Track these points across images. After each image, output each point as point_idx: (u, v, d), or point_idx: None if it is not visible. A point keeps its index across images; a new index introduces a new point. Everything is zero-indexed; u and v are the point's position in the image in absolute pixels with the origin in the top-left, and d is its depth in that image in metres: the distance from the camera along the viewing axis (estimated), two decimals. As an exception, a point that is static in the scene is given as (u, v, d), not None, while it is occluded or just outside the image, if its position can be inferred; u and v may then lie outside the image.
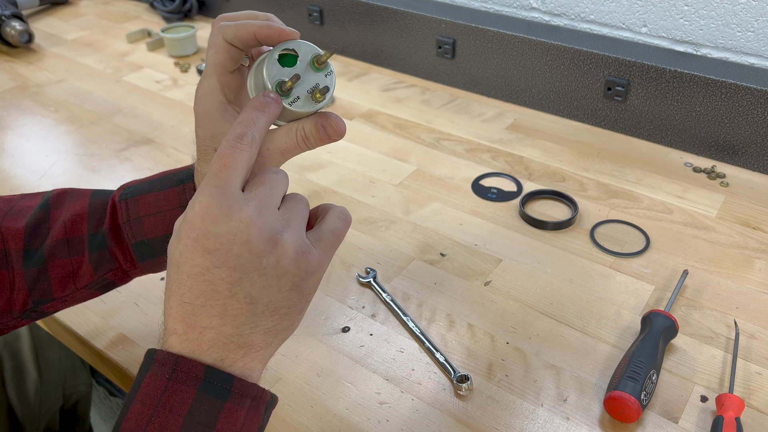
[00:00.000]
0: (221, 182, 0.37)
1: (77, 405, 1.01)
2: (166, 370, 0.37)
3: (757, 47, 0.91)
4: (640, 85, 0.93)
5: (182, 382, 0.37)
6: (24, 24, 1.30)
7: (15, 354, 0.90)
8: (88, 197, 0.56)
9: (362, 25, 1.19)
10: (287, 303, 0.39)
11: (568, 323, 0.66)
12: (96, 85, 1.18)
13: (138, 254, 0.54)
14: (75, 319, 0.68)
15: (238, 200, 0.37)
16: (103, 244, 0.54)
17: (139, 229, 0.53)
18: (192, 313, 0.37)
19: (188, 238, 0.37)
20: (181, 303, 0.38)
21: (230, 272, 0.37)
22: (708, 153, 0.92)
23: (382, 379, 0.61)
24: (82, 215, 0.54)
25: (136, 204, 0.53)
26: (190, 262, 0.37)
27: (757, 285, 0.71)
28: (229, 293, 0.37)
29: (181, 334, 0.38)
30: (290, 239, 0.38)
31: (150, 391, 0.37)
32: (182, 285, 0.38)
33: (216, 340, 0.38)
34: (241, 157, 0.38)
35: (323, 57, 0.42)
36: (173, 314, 0.38)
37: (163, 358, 0.38)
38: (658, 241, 0.77)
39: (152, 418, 0.36)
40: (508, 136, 0.99)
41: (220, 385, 0.37)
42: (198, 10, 1.46)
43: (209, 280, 0.37)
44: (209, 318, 0.37)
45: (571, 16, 1.06)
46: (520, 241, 0.78)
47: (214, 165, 0.38)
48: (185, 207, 0.50)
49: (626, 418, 0.55)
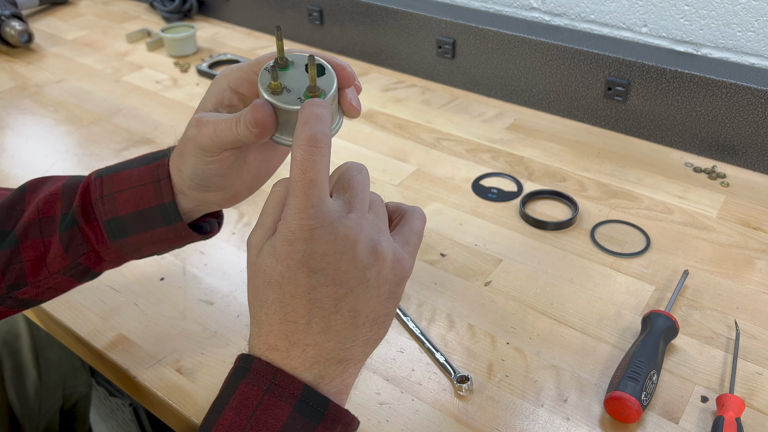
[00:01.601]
0: (314, 200, 0.37)
1: (77, 405, 1.01)
2: (264, 382, 0.37)
3: (758, 47, 0.91)
4: (641, 85, 0.93)
5: (279, 396, 0.37)
6: (24, 24, 1.30)
7: (15, 354, 0.90)
8: (64, 180, 0.54)
9: (362, 25, 1.19)
10: (384, 311, 0.40)
11: (568, 323, 0.66)
12: (96, 85, 1.18)
13: (110, 232, 0.51)
14: (75, 319, 0.68)
15: (338, 217, 0.37)
16: (74, 222, 0.52)
17: (111, 206, 0.51)
18: (296, 331, 0.38)
19: (291, 260, 0.37)
20: (285, 322, 0.38)
21: (337, 289, 0.37)
22: (708, 153, 0.92)
23: (382, 379, 0.61)
24: (56, 194, 0.53)
25: (110, 181, 0.52)
26: (294, 283, 0.37)
27: (757, 285, 0.71)
28: (334, 309, 0.38)
29: (282, 350, 0.38)
30: (388, 248, 0.39)
31: (245, 401, 0.37)
32: (286, 304, 0.38)
33: (318, 357, 0.38)
34: (323, 162, 0.37)
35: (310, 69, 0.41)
36: (274, 331, 0.38)
37: (262, 368, 0.38)
38: (659, 241, 0.77)
39: (246, 429, 0.36)
40: (509, 136, 0.99)
41: (315, 407, 0.37)
42: (198, 10, 1.46)
43: (315, 298, 0.37)
44: (313, 335, 0.38)
45: (572, 16, 1.06)
46: (521, 241, 0.78)
47: (298, 180, 0.37)
48: (157, 182, 0.50)
49: (626, 418, 0.55)
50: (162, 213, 0.50)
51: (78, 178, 0.54)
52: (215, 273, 0.73)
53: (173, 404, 0.59)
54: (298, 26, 1.29)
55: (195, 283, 0.72)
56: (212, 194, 0.49)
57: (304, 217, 0.37)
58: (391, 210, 0.44)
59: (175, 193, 0.50)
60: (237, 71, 0.46)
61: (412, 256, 0.41)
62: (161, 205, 0.50)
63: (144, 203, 0.50)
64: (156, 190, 0.50)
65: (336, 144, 0.98)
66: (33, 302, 0.55)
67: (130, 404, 1.06)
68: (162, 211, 0.50)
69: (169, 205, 0.50)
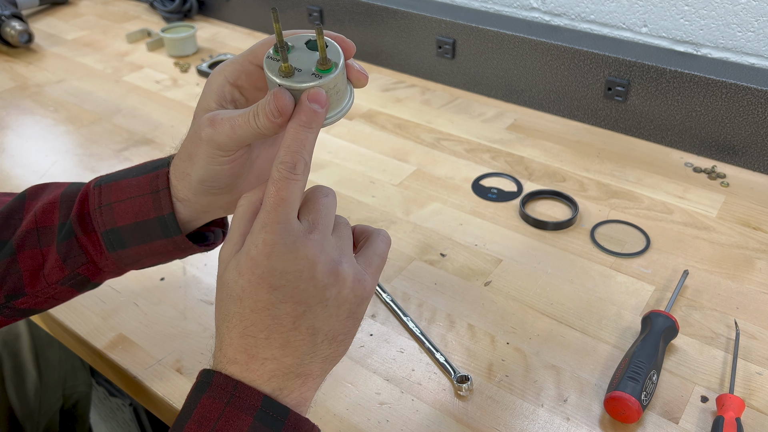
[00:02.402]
0: (281, 218, 0.38)
1: (77, 405, 1.01)
2: (224, 395, 0.38)
3: (758, 47, 0.91)
4: (641, 85, 0.93)
5: (240, 408, 0.38)
6: (24, 24, 1.30)
7: (15, 354, 0.90)
8: (63, 188, 0.53)
9: (362, 25, 1.19)
10: (344, 330, 0.40)
11: (568, 323, 0.66)
12: (96, 85, 1.18)
13: (108, 243, 0.51)
14: (75, 319, 0.68)
15: (300, 236, 0.38)
16: (71, 233, 0.50)
17: (110, 216, 0.50)
18: (254, 345, 0.38)
19: (252, 275, 0.38)
20: (244, 336, 0.38)
21: (295, 306, 0.38)
22: (708, 153, 0.92)
23: (382, 379, 0.61)
24: (54, 203, 0.52)
25: (109, 190, 0.50)
26: (254, 297, 0.38)
27: (757, 285, 0.71)
28: (292, 326, 0.38)
29: (242, 364, 0.39)
30: (349, 269, 0.39)
31: (207, 413, 0.38)
32: (245, 318, 0.38)
33: (277, 371, 0.39)
34: (296, 188, 0.38)
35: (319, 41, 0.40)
36: (234, 345, 0.39)
37: (223, 382, 0.38)
38: (659, 241, 0.77)
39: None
40: (508, 136, 0.99)
41: (275, 417, 0.38)
42: (198, 10, 1.46)
43: (274, 314, 0.38)
44: (272, 350, 0.38)
45: (572, 16, 1.06)
46: (521, 241, 0.78)
47: (271, 197, 0.38)
48: (156, 192, 0.49)
49: (626, 418, 0.55)
50: (161, 225, 0.50)
51: (77, 185, 0.53)
52: (215, 273, 0.73)
53: (173, 404, 0.59)
54: (298, 26, 1.29)
55: (195, 283, 0.72)
56: (220, 197, 0.49)
57: (269, 232, 0.37)
58: (358, 233, 0.45)
59: (175, 202, 0.49)
60: (232, 64, 0.45)
61: (373, 278, 0.41)
62: (160, 217, 0.49)
63: (142, 215, 0.50)
64: (155, 201, 0.49)
65: (336, 144, 0.98)
66: (32, 311, 0.55)
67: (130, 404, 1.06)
68: (161, 223, 0.50)
69: (167, 217, 0.49)
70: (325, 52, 0.40)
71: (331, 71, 0.40)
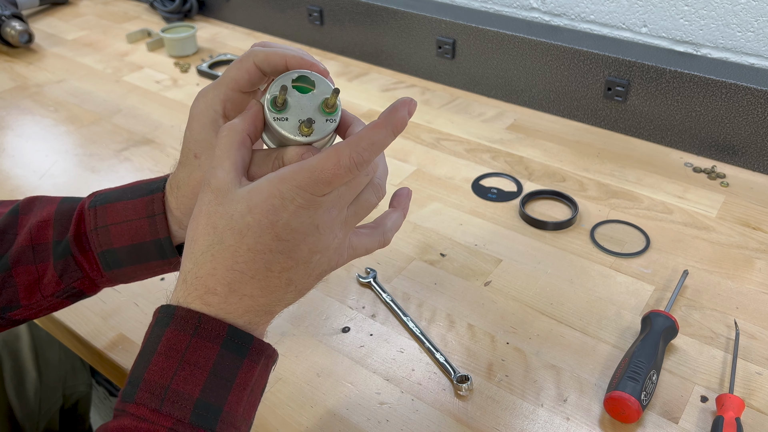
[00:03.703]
0: (317, 191, 0.39)
1: (77, 405, 1.01)
2: (189, 327, 0.39)
3: (757, 47, 0.91)
4: (640, 85, 0.93)
5: (206, 338, 0.39)
6: (24, 24, 1.30)
7: (15, 354, 0.90)
8: (56, 204, 0.55)
9: (362, 25, 1.19)
10: (309, 285, 0.43)
11: (568, 323, 0.66)
12: (96, 85, 1.18)
13: (104, 263, 0.52)
14: (75, 319, 0.68)
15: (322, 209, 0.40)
16: (68, 251, 0.52)
17: (106, 238, 0.52)
18: (239, 281, 0.40)
19: (264, 218, 0.39)
20: (231, 270, 0.40)
21: (287, 260, 0.40)
22: (708, 153, 0.92)
23: (382, 379, 0.61)
24: (48, 221, 0.53)
25: (105, 212, 0.52)
26: (257, 239, 0.39)
27: (757, 285, 0.71)
28: (278, 275, 0.40)
29: (221, 295, 0.40)
30: (338, 242, 0.42)
31: (174, 345, 0.39)
32: (239, 254, 0.39)
33: (251, 307, 0.41)
34: (346, 179, 0.39)
35: (331, 100, 0.42)
36: (218, 276, 0.40)
37: (185, 314, 0.40)
38: (658, 241, 0.77)
39: (177, 371, 0.38)
40: (508, 136, 0.99)
41: (240, 344, 0.40)
42: (198, 10, 1.46)
43: (268, 260, 0.40)
44: (252, 289, 0.40)
45: (571, 16, 1.06)
46: (520, 241, 0.78)
47: (325, 171, 0.38)
48: (152, 217, 0.51)
49: (626, 418, 0.55)
50: (156, 248, 0.52)
51: (70, 202, 0.55)
52: (215, 273, 0.74)
53: (173, 404, 0.59)
54: (298, 26, 1.29)
55: (195, 283, 0.72)
56: None
57: (302, 197, 0.39)
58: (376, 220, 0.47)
59: (170, 223, 0.52)
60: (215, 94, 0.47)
61: (350, 258, 0.44)
62: (156, 240, 0.51)
63: (139, 237, 0.52)
64: (151, 225, 0.51)
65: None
66: (26, 321, 0.56)
67: (130, 404, 1.06)
68: (156, 246, 0.52)
69: (164, 240, 0.51)
70: (335, 105, 0.42)
71: (337, 110, 0.42)
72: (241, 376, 0.40)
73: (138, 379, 0.39)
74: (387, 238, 0.47)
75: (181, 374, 0.38)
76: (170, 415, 0.38)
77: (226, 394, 0.39)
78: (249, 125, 0.42)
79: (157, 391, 0.38)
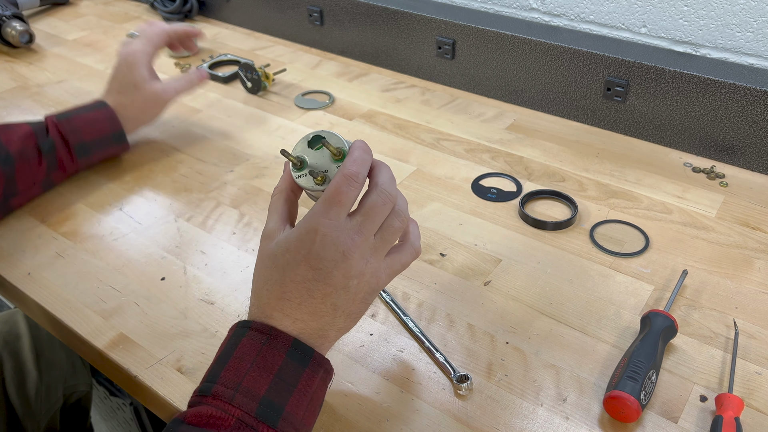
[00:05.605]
0: (333, 215, 0.47)
1: (77, 405, 1.01)
2: (262, 337, 0.47)
3: (757, 47, 0.91)
4: (640, 86, 0.93)
5: (275, 347, 0.47)
6: (24, 24, 1.30)
7: (15, 354, 0.90)
8: (26, 125, 0.81)
9: (362, 25, 1.19)
10: (357, 310, 0.51)
11: (567, 323, 0.67)
12: (96, 85, 1.19)
13: (78, 152, 0.84)
14: (75, 319, 0.68)
15: (345, 234, 0.48)
16: (53, 148, 0.81)
17: (78, 136, 0.83)
18: (289, 307, 0.48)
19: (297, 253, 0.48)
20: (281, 299, 0.48)
21: (326, 287, 0.48)
22: (707, 153, 0.92)
23: (382, 379, 0.61)
24: (31, 133, 0.80)
25: (70, 122, 0.83)
26: (295, 271, 0.48)
27: (756, 285, 0.71)
28: (321, 301, 0.48)
29: (277, 320, 0.48)
30: (372, 267, 0.50)
31: (247, 351, 0.47)
32: (285, 286, 0.48)
33: (304, 330, 0.49)
34: (353, 194, 0.48)
35: (334, 150, 0.50)
36: (272, 305, 0.49)
37: (260, 327, 0.48)
38: (658, 241, 0.77)
39: (248, 372, 0.46)
40: (508, 136, 1.00)
41: (303, 354, 0.48)
42: (198, 11, 1.47)
43: (309, 288, 0.48)
44: (301, 314, 0.48)
45: (571, 17, 1.06)
46: (520, 241, 0.78)
47: (331, 196, 0.48)
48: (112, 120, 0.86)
49: (626, 417, 0.56)
50: (114, 138, 0.88)
51: (35, 122, 0.82)
52: (216, 273, 0.74)
53: (174, 404, 0.59)
54: (298, 26, 1.29)
55: (196, 283, 0.72)
56: None
57: (321, 225, 0.47)
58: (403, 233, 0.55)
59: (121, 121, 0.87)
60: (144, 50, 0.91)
61: (388, 277, 0.52)
62: (115, 132, 0.87)
63: (102, 132, 0.86)
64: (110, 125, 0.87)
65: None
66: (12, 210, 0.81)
67: (131, 404, 1.06)
68: (115, 137, 0.88)
69: (120, 132, 0.88)
70: (342, 153, 0.51)
71: (344, 155, 0.51)
72: (303, 382, 0.47)
73: (215, 377, 0.46)
74: (417, 247, 0.55)
75: (251, 375, 0.46)
76: (240, 408, 0.44)
77: (287, 396, 0.46)
78: (288, 185, 0.53)
79: (230, 386, 0.45)
